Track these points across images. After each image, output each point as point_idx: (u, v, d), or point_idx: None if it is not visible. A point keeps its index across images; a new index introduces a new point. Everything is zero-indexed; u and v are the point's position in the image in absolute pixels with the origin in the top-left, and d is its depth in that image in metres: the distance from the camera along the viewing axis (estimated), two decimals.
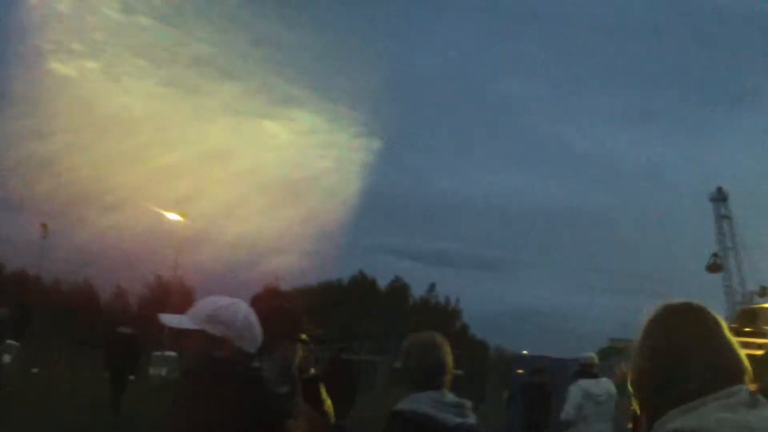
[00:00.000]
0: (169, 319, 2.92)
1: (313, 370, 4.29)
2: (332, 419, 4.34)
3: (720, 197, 64.22)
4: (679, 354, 1.80)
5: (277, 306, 3.45)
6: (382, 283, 49.72)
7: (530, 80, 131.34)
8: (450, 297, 51.77)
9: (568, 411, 8.94)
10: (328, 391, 4.30)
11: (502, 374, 32.55)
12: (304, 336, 3.50)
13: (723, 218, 64.29)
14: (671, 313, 1.88)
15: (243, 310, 2.91)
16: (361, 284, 47.34)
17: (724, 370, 1.77)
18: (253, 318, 2.93)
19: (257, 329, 2.92)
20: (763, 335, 14.34)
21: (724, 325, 1.85)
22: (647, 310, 1.93)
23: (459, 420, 3.26)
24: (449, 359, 3.46)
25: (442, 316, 46.30)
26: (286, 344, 3.38)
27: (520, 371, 17.94)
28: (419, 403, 3.27)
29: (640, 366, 1.88)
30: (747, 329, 14.75)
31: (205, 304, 2.89)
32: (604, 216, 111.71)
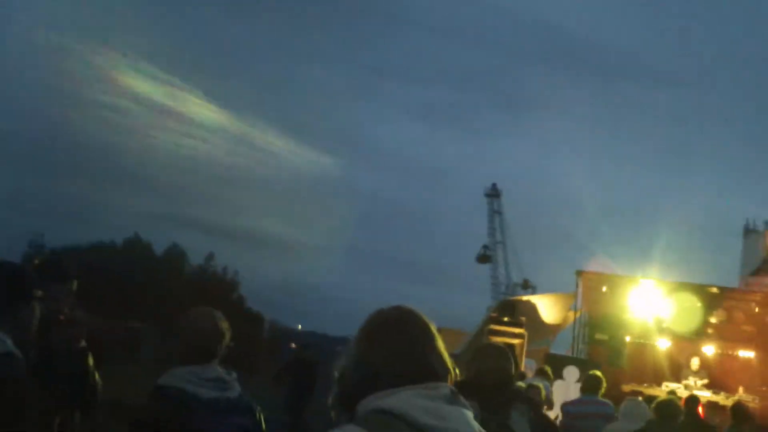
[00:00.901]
0: None
1: (84, 343, 4.17)
2: (100, 391, 4.24)
3: (494, 193, 68.53)
4: (387, 356, 1.89)
5: (10, 267, 3.28)
6: (158, 249, 48.26)
7: (334, 67, 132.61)
8: (228, 268, 51.23)
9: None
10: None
11: (275, 348, 32.70)
12: (39, 294, 3.31)
13: (495, 213, 68.68)
14: (384, 319, 2.00)
15: None
16: (136, 248, 45.71)
17: (428, 372, 1.89)
18: None
19: None
20: (519, 325, 15.43)
21: (434, 329, 1.99)
22: (367, 316, 2.02)
23: (216, 394, 3.34)
24: (223, 334, 3.51)
25: (218, 286, 45.74)
26: (20, 306, 3.20)
27: (293, 345, 18.08)
28: (176, 378, 3.33)
29: (351, 364, 1.94)
30: (505, 319, 15.80)
31: None
32: (395, 205, 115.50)
